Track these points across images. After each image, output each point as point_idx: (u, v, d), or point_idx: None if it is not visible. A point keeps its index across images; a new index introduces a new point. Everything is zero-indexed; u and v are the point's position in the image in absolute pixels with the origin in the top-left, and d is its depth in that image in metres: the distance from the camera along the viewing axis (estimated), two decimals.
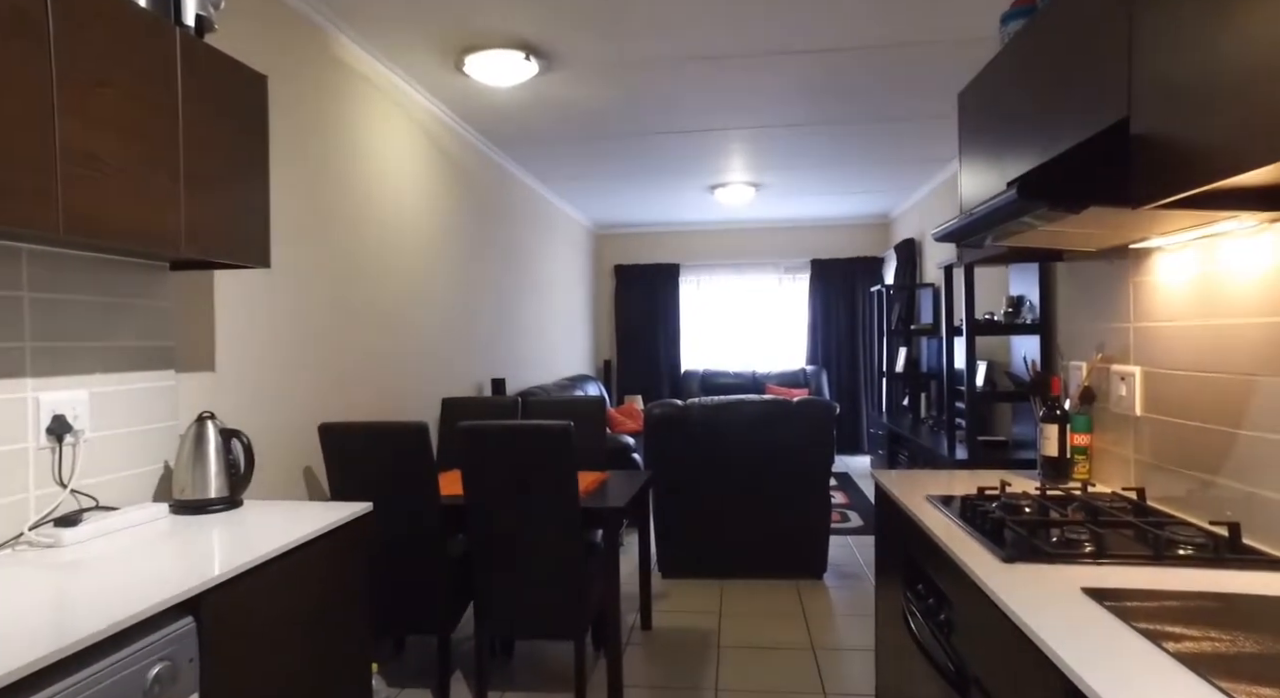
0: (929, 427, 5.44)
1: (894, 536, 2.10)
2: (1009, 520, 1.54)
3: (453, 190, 4.25)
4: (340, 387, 2.99)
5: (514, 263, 5.44)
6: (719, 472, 3.92)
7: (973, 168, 2.10)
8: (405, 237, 3.64)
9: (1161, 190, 1.23)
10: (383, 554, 2.62)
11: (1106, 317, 2.01)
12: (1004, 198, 1.37)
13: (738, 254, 8.31)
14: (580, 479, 3.07)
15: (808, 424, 3.86)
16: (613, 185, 6.15)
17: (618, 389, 8.31)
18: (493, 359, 4.93)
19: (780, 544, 3.96)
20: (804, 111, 4.26)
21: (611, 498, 2.77)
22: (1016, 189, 1.32)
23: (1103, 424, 2.05)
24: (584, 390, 6.32)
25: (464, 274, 4.42)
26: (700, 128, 4.56)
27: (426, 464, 2.54)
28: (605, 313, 8.50)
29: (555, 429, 2.48)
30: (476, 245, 4.63)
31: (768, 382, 7.84)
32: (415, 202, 3.76)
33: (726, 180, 6.07)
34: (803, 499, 3.91)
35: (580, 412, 3.59)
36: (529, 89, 3.75)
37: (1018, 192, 1.32)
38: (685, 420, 3.91)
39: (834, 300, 8.08)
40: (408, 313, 3.66)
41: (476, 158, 4.63)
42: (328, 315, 2.91)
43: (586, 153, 5.07)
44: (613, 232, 8.44)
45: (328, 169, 2.92)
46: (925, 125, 4.54)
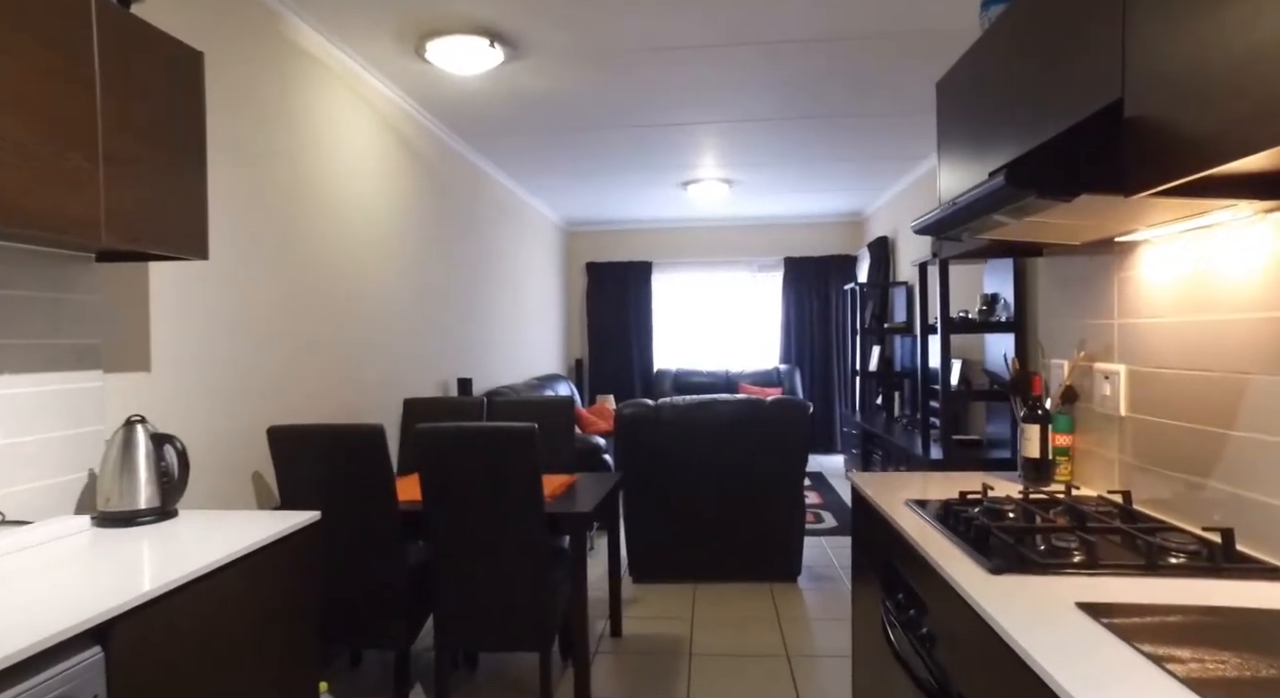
0: (903, 426, 5.40)
1: (871, 541, 2.02)
2: (994, 527, 1.45)
3: (417, 183, 4.10)
4: (294, 387, 2.84)
5: (482, 259, 5.29)
6: (691, 473, 3.83)
7: (952, 160, 2.03)
8: (365, 230, 3.49)
9: (1157, 177, 1.15)
10: (338, 563, 2.48)
11: (1089, 313, 1.95)
12: (990, 186, 1.28)
13: (711, 252, 8.23)
14: (547, 483, 2.95)
15: (781, 425, 3.78)
16: (584, 181, 6.03)
17: (589, 389, 8.19)
18: (459, 358, 4.79)
19: (754, 547, 3.87)
20: (777, 105, 4.18)
21: (579, 502, 2.66)
22: (1005, 176, 1.24)
23: (1085, 424, 1.98)
24: (554, 390, 6.19)
25: (429, 270, 4.27)
26: (672, 122, 4.46)
27: (383, 469, 2.40)
28: (577, 311, 8.37)
29: (518, 432, 2.36)
30: (442, 241, 4.49)
31: (741, 381, 7.77)
32: (376, 193, 3.61)
33: (699, 177, 5.98)
34: (776, 501, 3.83)
35: (548, 412, 3.48)
36: (494, 78, 3.62)
37: (1006, 179, 1.23)
38: (656, 421, 3.80)
39: (807, 299, 8.04)
40: (368, 310, 3.51)
41: (442, 150, 4.49)
42: (280, 312, 2.76)
43: (556, 147, 4.94)
44: (584, 229, 8.31)
45: (279, 157, 2.77)
46: (899, 121, 4.49)
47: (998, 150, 1.71)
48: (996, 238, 1.80)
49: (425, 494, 2.45)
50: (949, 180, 2.04)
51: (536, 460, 2.40)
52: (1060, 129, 1.38)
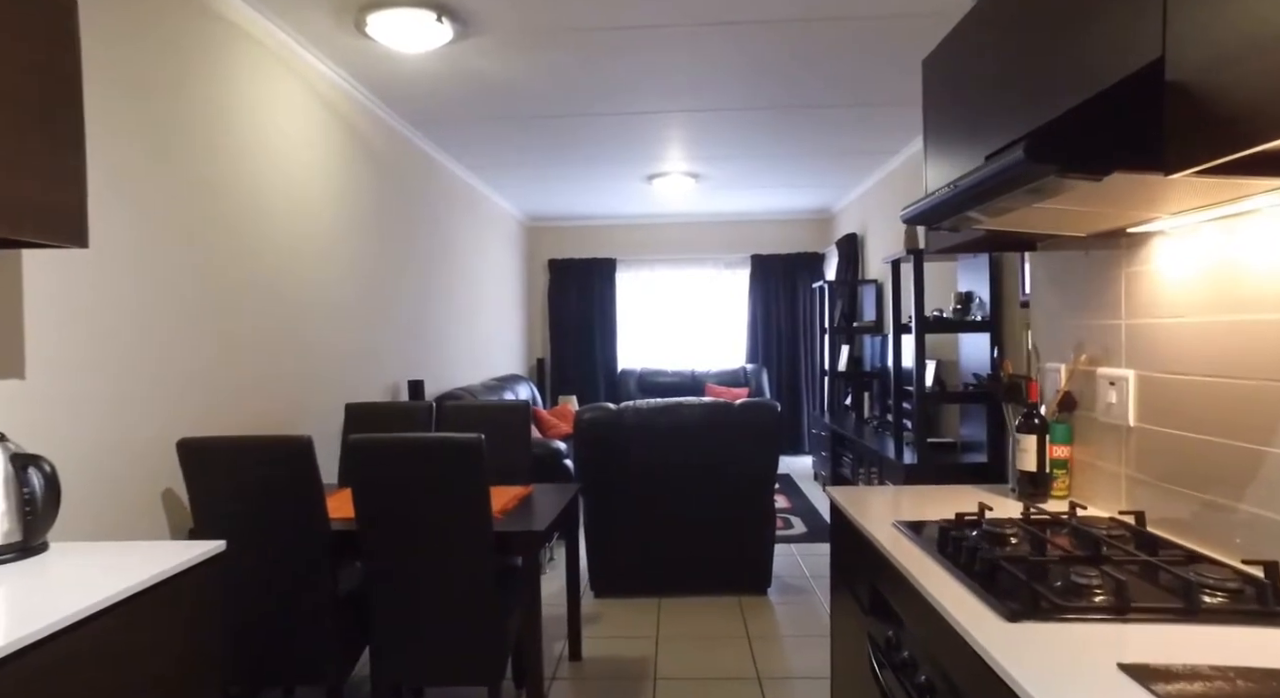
0: (873, 427, 5.26)
1: (854, 563, 1.82)
2: (1002, 560, 1.26)
3: (363, 171, 3.82)
4: (214, 393, 2.56)
5: (437, 255, 5.02)
6: (656, 481, 3.62)
7: (941, 144, 1.84)
8: (302, 219, 3.21)
9: (1206, 151, 0.96)
10: (261, 592, 2.21)
11: (1091, 313, 1.77)
12: (1004, 163, 1.08)
13: (676, 249, 8.03)
14: (498, 496, 2.71)
15: (751, 429, 3.59)
16: (545, 174, 5.78)
17: (551, 390, 7.94)
18: (411, 359, 4.52)
19: (722, 558, 3.68)
20: (745, 94, 3.98)
21: (533, 519, 2.42)
22: (1024, 150, 1.04)
23: (1085, 435, 1.81)
24: (514, 392, 5.94)
25: (377, 265, 3.99)
26: (636, 110, 4.24)
27: (310, 485, 2.14)
28: (538, 310, 8.11)
29: (463, 443, 2.12)
30: (393, 234, 4.21)
31: (707, 381, 7.59)
32: (315, 181, 3.33)
33: (665, 170, 5.77)
34: (745, 509, 3.64)
35: (502, 417, 3.23)
36: (443, 58, 3.36)
37: (1025, 153, 1.04)
38: (619, 426, 3.58)
39: (774, 297, 7.89)
40: (305, 306, 3.23)
41: (391, 137, 4.20)
42: (197, 308, 2.47)
43: (513, 136, 4.69)
44: (546, 224, 8.05)
45: (198, 139, 2.49)
46: (871, 112, 4.33)
47: (997, 131, 1.52)
48: (993, 228, 1.61)
49: (359, 513, 2.19)
50: (938, 167, 1.86)
51: (483, 475, 2.16)
52: (1080, 99, 1.18)
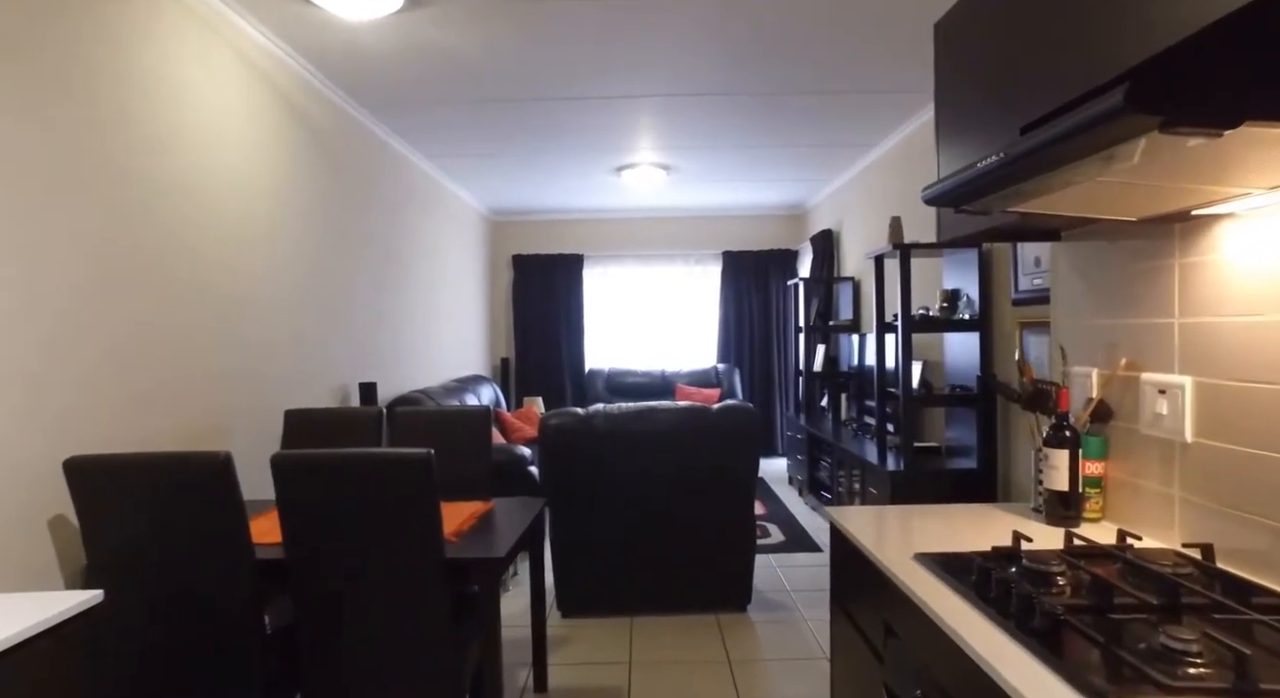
0: (852, 430, 5.06)
1: (864, 602, 1.58)
2: (1063, 610, 1.02)
3: (309, 155, 3.49)
4: (118, 403, 2.23)
5: (394, 248, 4.69)
6: (627, 491, 3.35)
7: (959, 119, 1.60)
8: (234, 204, 2.88)
9: None
10: (171, 632, 1.90)
11: (1131, 310, 1.55)
12: (1093, 113, 0.84)
13: (646, 244, 7.77)
14: (453, 514, 2.42)
15: (729, 435, 3.34)
16: (508, 164, 5.47)
17: (516, 391, 7.63)
18: (363, 360, 4.19)
19: (698, 574, 3.43)
20: (721, 78, 3.73)
21: (491, 541, 2.14)
22: (1125, 96, 0.79)
23: (1123, 449, 1.59)
24: (476, 393, 5.62)
25: (325, 257, 3.66)
26: (606, 94, 3.96)
27: (230, 508, 1.84)
28: (502, 307, 7.79)
29: (408, 460, 1.84)
30: (343, 224, 3.88)
31: (678, 381, 7.35)
32: (251, 162, 2.99)
33: (634, 161, 5.50)
34: (723, 522, 3.39)
35: (458, 425, 2.95)
36: (394, 29, 3.05)
37: (1127, 98, 0.79)
38: (588, 433, 3.31)
39: (747, 295, 7.67)
40: (239, 302, 2.90)
41: (341, 120, 3.87)
42: (93, 304, 2.14)
43: (474, 122, 4.38)
44: (510, 218, 7.73)
45: (103, 111, 2.16)
46: (853, 101, 4.11)
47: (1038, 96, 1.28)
48: (1027, 212, 1.38)
49: (287, 540, 1.89)
50: (956, 145, 1.62)
51: (432, 495, 1.87)
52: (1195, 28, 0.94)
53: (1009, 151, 1.05)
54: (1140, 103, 0.79)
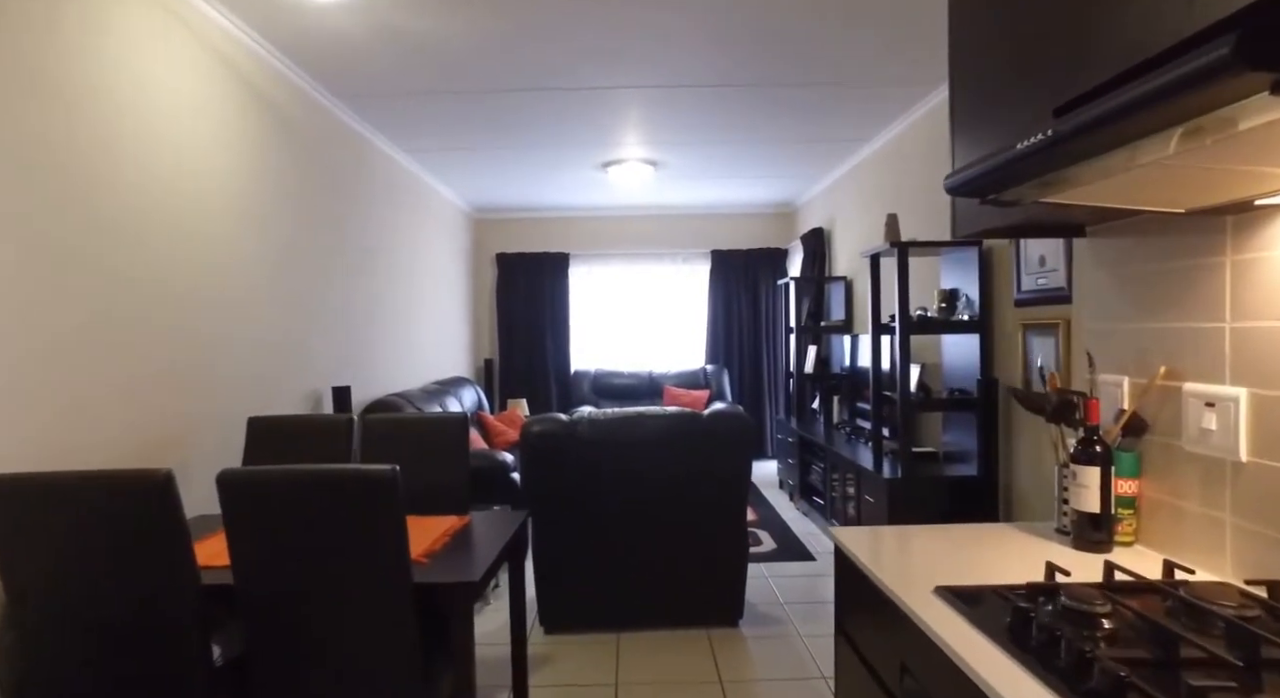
0: (845, 434, 4.92)
1: (876, 636, 1.42)
2: (1124, 665, 0.87)
3: (279, 147, 3.29)
4: (50, 415, 2.04)
5: (372, 246, 4.49)
6: (613, 501, 3.18)
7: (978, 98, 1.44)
8: (191, 199, 2.69)
9: None
10: (104, 669, 1.71)
11: (1173, 312, 1.40)
12: (1191, 68, 0.68)
13: (633, 243, 7.60)
14: (426, 530, 2.25)
15: (721, 442, 3.18)
16: (491, 160, 5.29)
17: (500, 392, 7.44)
18: (338, 362, 3.99)
19: (688, 587, 3.26)
20: (711, 68, 3.57)
21: (466, 562, 1.97)
22: (1231, 50, 0.64)
23: (1160, 466, 1.44)
24: (457, 396, 5.43)
25: (296, 254, 3.47)
26: (590, 85, 3.79)
27: (172, 531, 1.65)
28: (486, 307, 7.60)
29: (372, 478, 1.66)
30: (315, 220, 3.69)
31: (665, 382, 7.19)
32: (210, 154, 2.80)
33: (621, 156, 5.33)
34: (715, 533, 3.23)
35: (434, 433, 2.77)
36: (366, 11, 2.87)
37: (1234, 52, 0.63)
38: (572, 440, 3.14)
39: (736, 295, 7.52)
40: (197, 302, 2.71)
41: (313, 111, 3.68)
42: (30, 304, 1.95)
43: (454, 114, 4.20)
44: (494, 216, 7.54)
45: (41, 95, 1.96)
46: (846, 94, 3.96)
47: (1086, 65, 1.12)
48: (1069, 201, 1.22)
49: (236, 565, 1.71)
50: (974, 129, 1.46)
51: (398, 516, 1.70)
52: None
53: (1063, 128, 0.89)
54: (1252, 57, 0.63)
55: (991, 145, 1.34)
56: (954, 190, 1.21)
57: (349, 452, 2.76)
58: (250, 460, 2.67)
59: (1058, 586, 1.17)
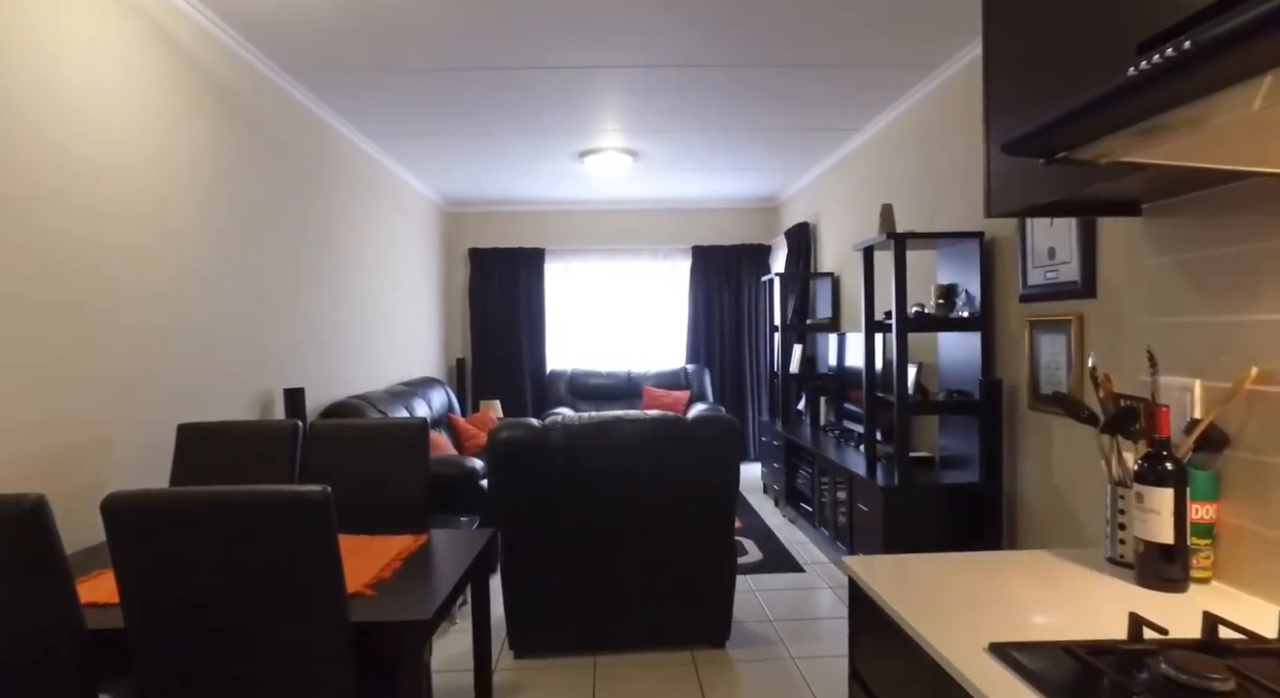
0: (834, 437, 4.69)
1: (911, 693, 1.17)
2: None
3: (224, 128, 2.98)
4: None
5: (334, 238, 4.18)
6: (590, 513, 2.92)
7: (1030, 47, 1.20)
8: (119, 186, 2.38)
9: None
10: None
11: (1263, 303, 1.17)
12: None
13: (611, 238, 7.33)
14: (375, 555, 1.97)
15: (706, 449, 2.93)
16: (461, 146, 4.99)
17: (473, 394, 7.13)
18: (293, 362, 3.69)
19: (671, 606, 3.00)
20: (693, 47, 3.31)
21: (421, 592, 1.70)
22: None
23: (1246, 488, 1.21)
24: (426, 398, 5.13)
25: (242, 243, 3.16)
26: (567, 64, 3.52)
27: (46, 566, 1.36)
28: (458, 304, 7.29)
29: (296, 502, 1.38)
30: (268, 209, 3.37)
31: (645, 383, 6.93)
32: (143, 130, 2.49)
33: (599, 146, 5.07)
34: (700, 547, 2.98)
35: (391, 440, 2.49)
36: None
37: None
38: (544, 448, 2.87)
39: (717, 292, 7.28)
40: (117, 291, 2.40)
41: (263, 88, 3.36)
42: None
43: (419, 95, 3.90)
44: (467, 209, 7.23)
45: None
46: (836, 78, 3.72)
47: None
48: (1162, 161, 0.98)
49: (128, 606, 1.42)
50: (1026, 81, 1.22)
51: (330, 544, 1.42)
52: None
53: (1186, 51, 0.64)
54: None
55: (1055, 96, 1.09)
56: (1016, 147, 0.96)
57: (293, 462, 2.46)
58: (179, 473, 2.37)
59: (1153, 647, 0.92)
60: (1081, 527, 2.71)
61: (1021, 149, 0.96)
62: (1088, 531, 2.67)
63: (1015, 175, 1.29)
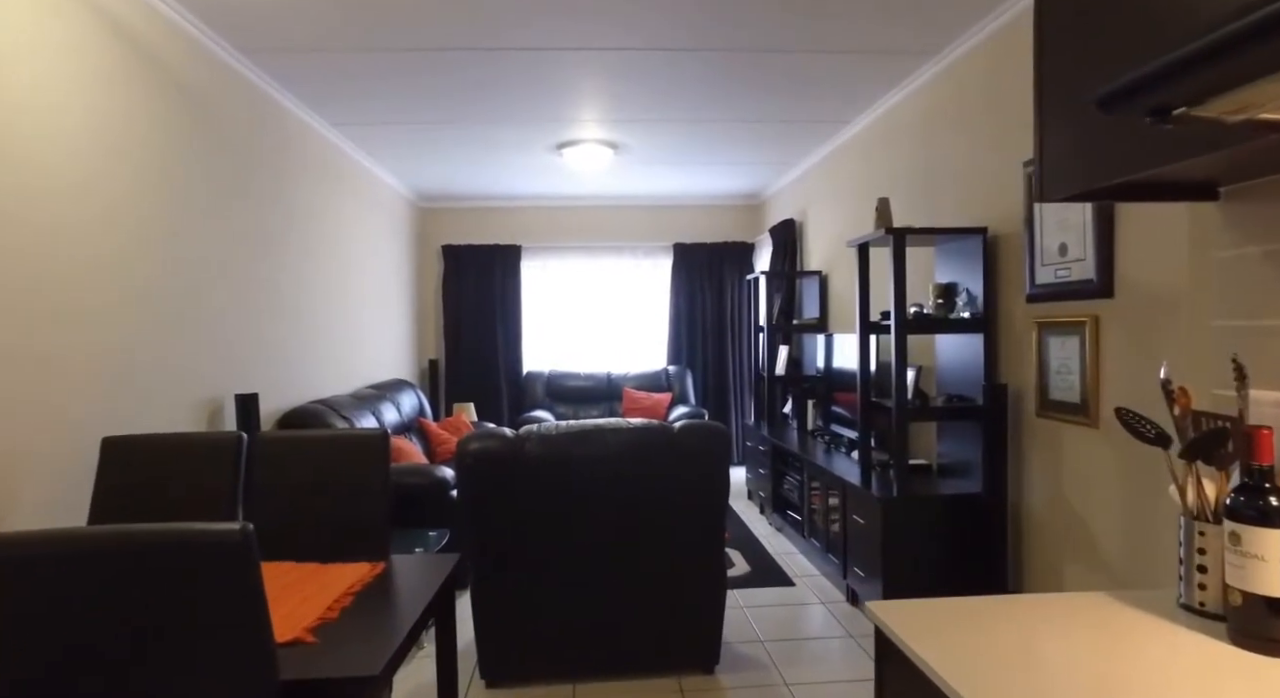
0: (824, 443, 4.49)
1: None
2: None
3: (166, 112, 2.70)
4: None
5: (295, 233, 3.90)
6: (568, 530, 2.68)
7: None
8: (43, 171, 2.10)
9: None
10: None
11: None
12: None
13: (590, 235, 7.09)
14: (324, 588, 1.72)
15: (694, 460, 2.71)
16: (433, 136, 4.72)
17: (446, 396, 6.85)
18: (247, 364, 3.41)
19: (656, 628, 2.78)
20: (677, 28, 3.09)
21: (368, 636, 1.45)
22: None
23: None
24: (395, 402, 4.86)
25: (185, 233, 2.88)
26: (543, 45, 3.28)
27: None
28: (431, 303, 7.00)
29: (206, 544, 1.13)
30: (223, 203, 3.09)
31: (625, 384, 6.70)
32: (73, 109, 2.21)
33: (578, 137, 4.83)
34: (688, 566, 2.75)
35: (345, 454, 2.23)
36: None
37: None
38: (517, 460, 2.63)
39: (700, 291, 7.06)
40: (50, 291, 2.12)
41: (217, 75, 3.08)
42: None
43: (385, 78, 3.63)
44: (440, 204, 6.95)
45: None
46: (826, 65, 3.51)
47: None
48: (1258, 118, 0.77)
49: None
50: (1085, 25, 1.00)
51: (253, 593, 1.17)
52: None
53: None
54: None
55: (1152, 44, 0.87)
56: (1118, 101, 0.75)
57: (236, 479, 2.20)
58: (100, 494, 2.10)
59: None
60: (1096, 543, 2.52)
61: (1126, 103, 0.75)
62: (1104, 549, 2.48)
63: (1075, 153, 1.07)
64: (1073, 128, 1.09)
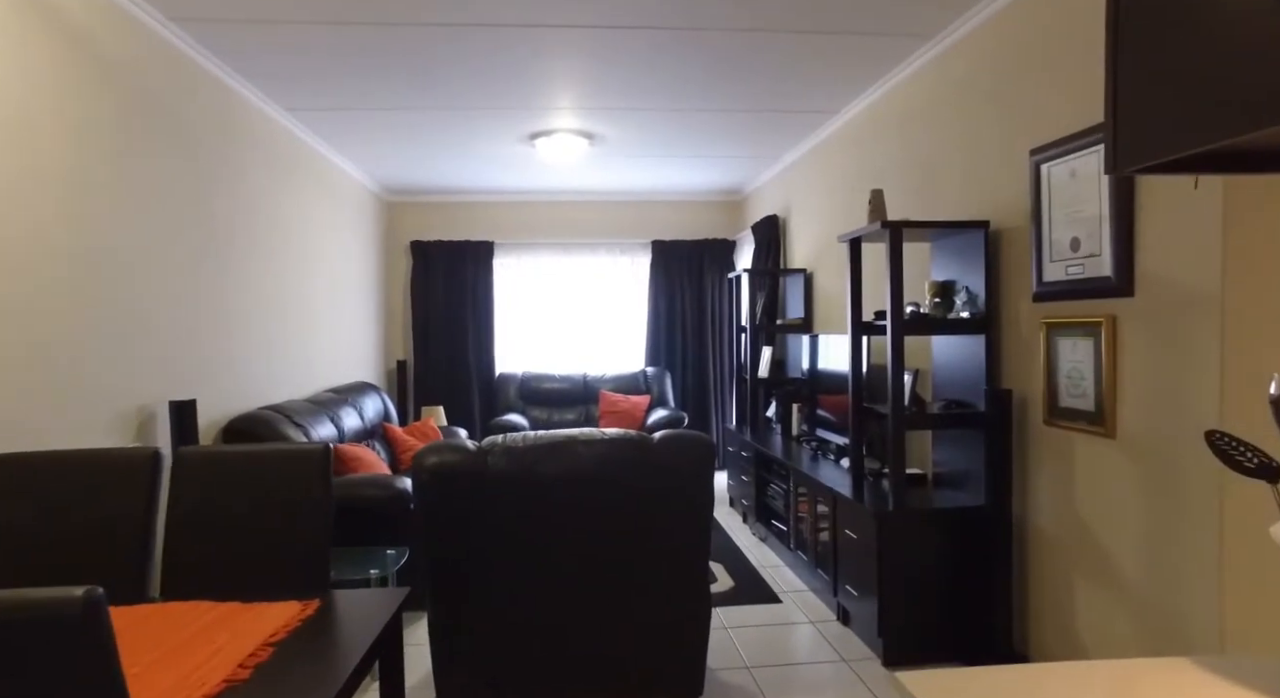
0: (810, 449, 4.27)
1: None
2: None
3: (94, 93, 2.40)
4: None
5: (246, 226, 3.60)
6: (537, 552, 2.42)
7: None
8: None
9: None
10: None
11: None
12: None
13: (565, 231, 6.82)
14: (243, 635, 1.46)
15: (676, 474, 2.46)
16: (398, 124, 4.43)
17: (415, 399, 6.55)
18: (185, 369, 3.11)
19: (633, 657, 2.53)
20: (668, 2, 2.85)
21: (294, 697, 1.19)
22: None
23: None
24: (357, 407, 4.57)
25: (122, 231, 2.58)
26: (517, 22, 3.01)
27: None
28: (399, 301, 6.70)
29: (42, 620, 0.86)
30: (163, 192, 2.79)
31: (601, 386, 6.45)
32: None
33: (552, 126, 4.56)
34: (668, 589, 2.51)
35: (280, 473, 1.96)
36: None
37: None
38: (480, 477, 2.36)
39: (679, 289, 6.83)
40: None
41: (159, 56, 2.78)
42: None
43: (341, 56, 3.34)
44: (408, 198, 6.64)
45: None
46: (814, 47, 3.29)
47: None
48: None
49: None
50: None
51: (108, 677, 0.91)
52: None
53: None
54: None
55: None
56: None
57: (151, 503, 1.92)
58: None
59: None
60: (1112, 562, 2.31)
61: None
62: (1121, 570, 2.28)
63: (1157, 118, 0.84)
64: (1159, 87, 0.85)
